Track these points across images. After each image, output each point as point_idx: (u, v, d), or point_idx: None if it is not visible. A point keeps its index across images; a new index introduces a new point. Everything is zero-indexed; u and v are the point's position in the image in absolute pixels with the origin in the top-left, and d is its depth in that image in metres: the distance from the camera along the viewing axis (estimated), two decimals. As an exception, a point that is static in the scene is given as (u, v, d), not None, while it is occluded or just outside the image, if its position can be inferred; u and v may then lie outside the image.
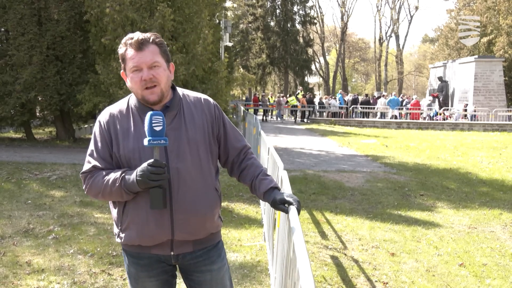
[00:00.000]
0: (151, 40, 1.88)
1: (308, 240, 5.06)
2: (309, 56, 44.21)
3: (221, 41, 19.01)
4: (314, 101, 28.09)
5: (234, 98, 37.36)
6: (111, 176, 1.86)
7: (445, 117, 25.16)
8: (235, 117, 24.54)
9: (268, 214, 4.41)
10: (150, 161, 1.77)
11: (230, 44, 24.96)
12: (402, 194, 7.55)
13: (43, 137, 14.49)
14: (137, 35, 1.87)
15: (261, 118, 26.00)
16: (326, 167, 9.89)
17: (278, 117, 28.17)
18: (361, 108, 26.38)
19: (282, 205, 1.95)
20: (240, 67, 41.78)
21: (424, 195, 7.53)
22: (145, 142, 1.77)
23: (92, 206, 6.20)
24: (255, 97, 29.85)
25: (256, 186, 2.04)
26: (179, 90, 2.03)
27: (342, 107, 26.57)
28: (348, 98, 28.04)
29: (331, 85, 52.68)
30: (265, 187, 2.01)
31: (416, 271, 4.30)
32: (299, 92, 29.57)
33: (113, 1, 10.35)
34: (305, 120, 26.61)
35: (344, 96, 28.36)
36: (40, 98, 12.58)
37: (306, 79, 44.78)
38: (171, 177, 1.87)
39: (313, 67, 49.99)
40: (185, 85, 10.72)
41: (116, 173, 1.86)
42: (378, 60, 52.98)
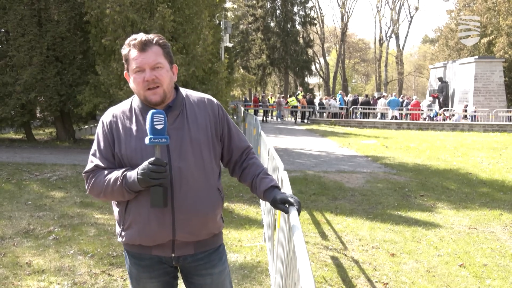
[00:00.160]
0: (155, 42, 1.89)
1: (308, 241, 5.06)
2: (309, 57, 44.20)
3: (221, 42, 19.00)
4: (314, 102, 28.11)
5: (235, 99, 37.37)
6: (113, 175, 1.87)
7: (445, 118, 25.16)
8: (236, 118, 24.55)
9: (268, 215, 4.41)
10: (151, 160, 1.77)
11: (230, 45, 24.95)
12: (402, 195, 7.56)
13: (43, 138, 14.49)
14: (141, 36, 1.88)
15: (261, 119, 26.00)
16: (326, 168, 9.90)
17: (278, 118, 28.18)
18: (361, 109, 26.37)
19: (282, 205, 1.95)
20: (240, 68, 41.83)
21: (424, 196, 7.53)
22: (146, 141, 1.77)
23: (93, 207, 6.20)
24: (255, 98, 29.87)
25: (257, 185, 2.04)
26: (182, 91, 2.03)
27: (342, 108, 26.57)
28: (348, 99, 28.04)
29: (331, 86, 52.67)
30: (266, 186, 2.00)
31: (416, 272, 4.30)
32: (299, 93, 29.56)
33: (113, 2, 10.35)
34: (305, 121, 26.61)
35: (344, 97, 28.36)
36: (40, 99, 12.58)
37: (306, 80, 44.78)
38: (173, 177, 1.87)
39: (313, 68, 50.02)
40: (185, 86, 10.70)
41: (118, 172, 1.87)
42: (378, 61, 52.99)
